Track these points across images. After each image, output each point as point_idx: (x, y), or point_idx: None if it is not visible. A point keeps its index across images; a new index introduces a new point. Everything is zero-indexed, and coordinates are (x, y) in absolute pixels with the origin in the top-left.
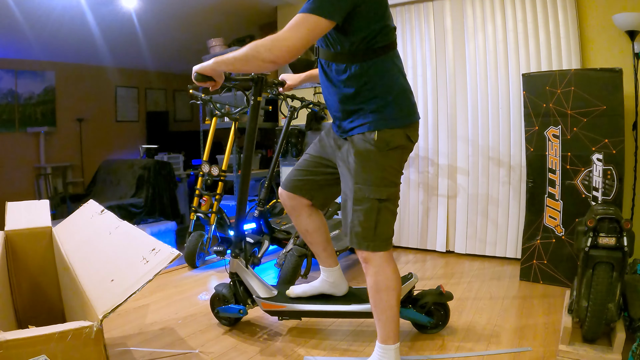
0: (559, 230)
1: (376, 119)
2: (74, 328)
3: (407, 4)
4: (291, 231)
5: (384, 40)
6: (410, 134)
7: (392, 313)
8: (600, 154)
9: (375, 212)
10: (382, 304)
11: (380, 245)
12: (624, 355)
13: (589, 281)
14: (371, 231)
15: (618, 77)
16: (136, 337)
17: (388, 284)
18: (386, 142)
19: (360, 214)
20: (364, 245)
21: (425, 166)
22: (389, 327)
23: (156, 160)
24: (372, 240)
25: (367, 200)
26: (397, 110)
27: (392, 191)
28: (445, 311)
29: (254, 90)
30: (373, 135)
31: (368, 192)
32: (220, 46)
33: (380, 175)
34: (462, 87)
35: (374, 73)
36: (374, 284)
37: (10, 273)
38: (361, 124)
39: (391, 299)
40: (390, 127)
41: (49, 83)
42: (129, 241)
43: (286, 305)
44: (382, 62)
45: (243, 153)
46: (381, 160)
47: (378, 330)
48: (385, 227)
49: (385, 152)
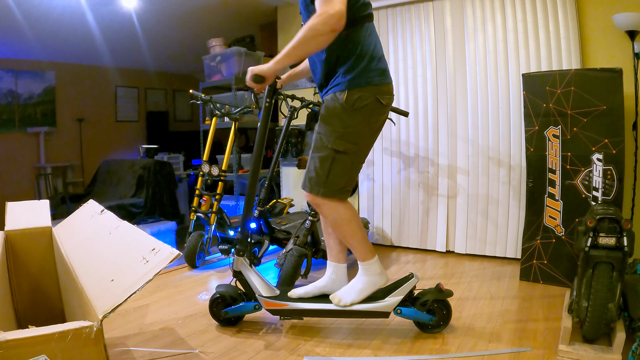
0: (559, 230)
1: (347, 79)
2: (74, 328)
3: (407, 4)
4: (291, 231)
5: (361, 12)
6: (379, 96)
7: (359, 236)
8: (600, 154)
9: (329, 161)
10: (348, 233)
11: (331, 193)
12: (624, 355)
13: (589, 281)
14: (323, 178)
15: (618, 77)
16: (136, 337)
17: (344, 217)
18: (352, 102)
19: (317, 160)
20: (315, 190)
21: (425, 166)
22: (361, 247)
23: (156, 160)
24: (322, 186)
25: (324, 149)
26: (366, 72)
27: (350, 147)
28: (447, 310)
29: (267, 92)
30: (343, 95)
31: (327, 141)
32: (220, 46)
33: (341, 131)
34: (462, 87)
35: (351, 40)
36: (333, 223)
37: (10, 273)
38: (335, 85)
39: (353, 226)
40: (359, 86)
41: (49, 83)
42: (129, 241)
43: (288, 304)
44: (359, 31)
45: (253, 153)
46: (345, 117)
47: (355, 253)
48: (338, 178)
49: (350, 111)
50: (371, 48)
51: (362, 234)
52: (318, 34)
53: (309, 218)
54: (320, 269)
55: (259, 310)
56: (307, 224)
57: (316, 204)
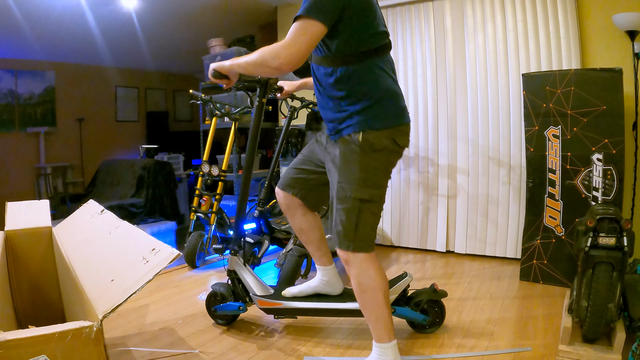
0: (559, 230)
1: (361, 120)
2: (74, 328)
3: (407, 4)
4: (291, 231)
5: (372, 44)
6: (396, 138)
7: (380, 312)
8: (600, 154)
9: (356, 212)
10: (369, 304)
11: (361, 246)
12: (624, 355)
13: (589, 281)
14: (352, 231)
15: (618, 77)
16: (136, 337)
17: (372, 284)
18: (370, 144)
19: (342, 213)
20: (344, 245)
21: (425, 166)
22: (380, 325)
23: (156, 160)
24: (352, 240)
25: (348, 200)
26: (382, 113)
27: (374, 193)
28: (440, 308)
29: (260, 91)
30: (358, 137)
31: (350, 191)
32: (220, 46)
33: (364, 177)
34: (462, 87)
35: (360, 76)
36: (358, 286)
37: (10, 273)
38: (347, 126)
39: (378, 298)
40: (374, 129)
41: (49, 83)
42: (128, 241)
43: (282, 303)
44: (368, 65)
45: (246, 152)
46: (365, 161)
47: (372, 330)
48: (367, 229)
49: (369, 153)
50: (386, 85)
51: (385, 310)
52: (266, 65)
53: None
54: None
55: (243, 311)
56: None
57: (345, 260)
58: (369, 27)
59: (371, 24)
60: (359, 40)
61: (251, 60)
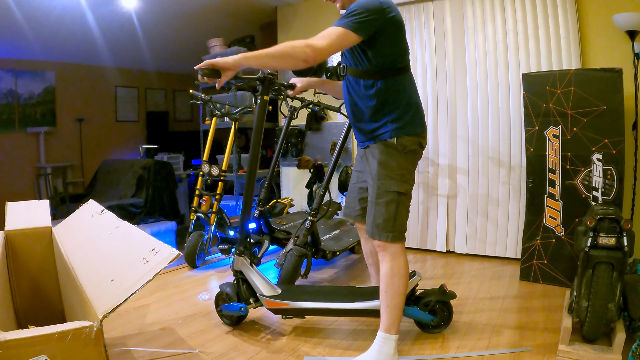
0: (559, 230)
1: (397, 127)
2: (74, 328)
3: (407, 4)
4: (291, 231)
5: (404, 62)
6: (421, 141)
7: (400, 300)
8: (600, 154)
9: (395, 205)
10: (394, 289)
11: (398, 237)
12: (624, 355)
13: (589, 281)
14: (391, 222)
15: (618, 77)
16: (136, 337)
17: (401, 270)
18: (404, 146)
19: (382, 206)
20: (384, 236)
21: (425, 166)
22: (393, 314)
23: (156, 160)
24: (391, 231)
25: (388, 194)
26: (411, 121)
27: (408, 188)
28: (449, 311)
29: (262, 89)
30: (393, 141)
31: (390, 186)
32: (220, 46)
33: (400, 173)
34: (462, 87)
35: (396, 89)
36: (390, 269)
37: (10, 273)
38: (384, 132)
39: (402, 285)
40: (407, 135)
41: (49, 83)
42: (129, 241)
43: (290, 303)
44: (402, 80)
45: (250, 149)
46: (400, 160)
47: (383, 318)
48: (402, 220)
49: (403, 154)
50: (414, 98)
51: (403, 300)
52: (294, 56)
53: (309, 218)
54: (320, 269)
55: (243, 313)
56: (307, 224)
57: (383, 247)
58: (403, 46)
59: (405, 43)
60: (397, 57)
61: (274, 51)
